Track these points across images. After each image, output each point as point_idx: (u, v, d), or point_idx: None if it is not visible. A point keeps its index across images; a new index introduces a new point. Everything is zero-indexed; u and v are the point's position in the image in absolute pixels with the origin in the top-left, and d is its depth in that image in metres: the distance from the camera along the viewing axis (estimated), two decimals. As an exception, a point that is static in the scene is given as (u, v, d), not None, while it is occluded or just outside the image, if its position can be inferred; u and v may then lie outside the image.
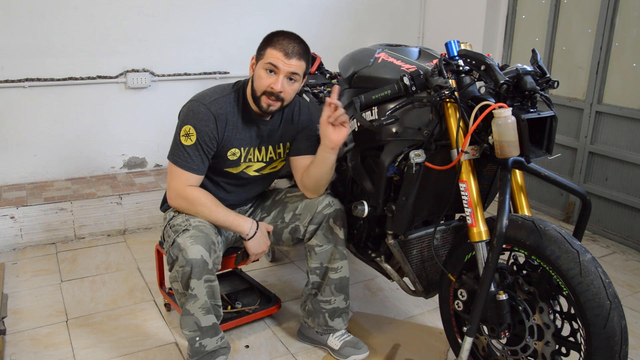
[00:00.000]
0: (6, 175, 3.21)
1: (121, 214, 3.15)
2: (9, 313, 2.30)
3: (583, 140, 3.26)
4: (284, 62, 1.73)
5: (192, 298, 1.74)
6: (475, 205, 1.59)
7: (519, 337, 1.59)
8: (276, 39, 1.76)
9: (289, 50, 1.73)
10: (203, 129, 1.78)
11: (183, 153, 1.79)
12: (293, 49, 1.74)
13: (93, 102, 3.34)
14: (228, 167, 1.91)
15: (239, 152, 1.89)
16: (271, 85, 1.75)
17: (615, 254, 2.98)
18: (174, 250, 1.72)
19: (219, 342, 1.85)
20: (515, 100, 1.55)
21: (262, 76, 1.76)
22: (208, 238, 1.74)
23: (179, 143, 1.79)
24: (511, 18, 3.72)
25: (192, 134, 1.78)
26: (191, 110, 1.80)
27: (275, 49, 1.73)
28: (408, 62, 1.87)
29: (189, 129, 1.78)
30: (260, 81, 1.77)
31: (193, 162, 1.80)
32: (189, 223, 1.77)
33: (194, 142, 1.78)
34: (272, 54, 1.74)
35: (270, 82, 1.75)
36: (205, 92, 1.85)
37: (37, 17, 3.08)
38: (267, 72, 1.76)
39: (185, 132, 1.78)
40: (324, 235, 1.94)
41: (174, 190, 1.83)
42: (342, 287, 2.00)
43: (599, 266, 1.42)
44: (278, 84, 1.75)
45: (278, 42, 1.74)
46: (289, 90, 1.79)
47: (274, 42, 1.75)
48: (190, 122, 1.78)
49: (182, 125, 1.80)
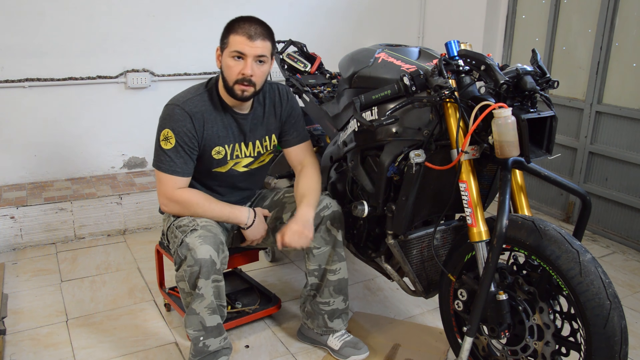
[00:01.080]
0: (6, 175, 3.21)
1: (121, 214, 3.15)
2: (9, 313, 2.30)
3: (583, 140, 3.26)
4: (249, 45, 1.72)
5: (199, 298, 1.74)
6: (475, 205, 1.59)
7: (519, 337, 1.59)
8: (237, 24, 1.75)
9: (252, 32, 1.72)
10: (180, 129, 1.78)
11: (165, 157, 1.80)
12: (255, 31, 1.73)
13: (93, 102, 3.34)
14: (216, 167, 1.91)
15: (223, 150, 1.89)
16: (241, 71, 1.75)
17: (615, 254, 2.98)
18: (182, 250, 1.72)
19: (222, 343, 1.85)
20: (515, 100, 1.55)
21: (231, 65, 1.75)
22: (216, 238, 1.74)
23: (160, 148, 1.81)
24: (511, 18, 3.72)
25: (170, 136, 1.79)
26: (166, 114, 1.81)
27: (238, 35, 1.72)
28: (408, 62, 1.87)
29: (167, 133, 1.79)
30: (229, 70, 1.76)
31: (176, 164, 1.80)
32: (196, 223, 1.77)
33: (173, 144, 1.79)
34: (236, 40, 1.73)
35: (239, 69, 1.75)
36: (178, 94, 1.86)
37: (37, 17, 3.08)
38: (235, 59, 1.75)
39: (164, 137, 1.79)
40: (322, 237, 1.93)
41: (164, 196, 1.83)
42: (340, 288, 2.00)
43: (599, 266, 1.42)
44: (248, 69, 1.74)
45: (239, 27, 1.73)
46: (259, 72, 1.78)
47: (235, 28, 1.74)
48: (167, 126, 1.79)
49: (160, 130, 1.81)
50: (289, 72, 2.64)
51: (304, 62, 2.66)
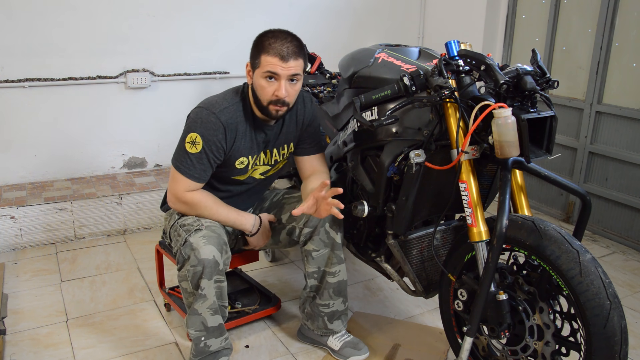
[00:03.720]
0: (6, 175, 3.21)
1: (121, 214, 3.15)
2: (9, 313, 2.30)
3: (583, 140, 3.26)
4: (282, 66, 1.67)
5: (201, 298, 1.74)
6: (475, 205, 1.59)
7: (519, 337, 1.59)
8: (267, 43, 1.68)
9: (284, 53, 1.66)
10: (211, 138, 1.74)
11: (186, 160, 1.76)
12: (288, 50, 1.67)
13: (93, 102, 3.34)
14: (236, 175, 1.89)
15: (246, 161, 1.86)
16: (275, 93, 1.71)
17: (615, 254, 2.98)
18: (186, 249, 1.71)
19: (223, 343, 1.86)
20: (515, 100, 1.55)
21: (264, 85, 1.71)
22: (220, 239, 1.74)
23: (184, 149, 1.76)
24: (511, 18, 3.72)
25: (198, 142, 1.73)
26: (200, 117, 1.74)
27: (270, 55, 1.67)
28: (408, 62, 1.87)
29: (196, 137, 1.73)
30: (263, 91, 1.72)
31: (195, 170, 1.77)
32: (200, 223, 1.77)
33: (199, 150, 1.74)
34: (268, 61, 1.67)
35: (273, 90, 1.71)
36: (214, 100, 1.79)
37: (37, 17, 3.07)
38: (267, 79, 1.70)
39: (191, 140, 1.74)
40: (321, 240, 1.93)
41: (173, 194, 1.83)
42: (340, 290, 1.99)
43: (599, 266, 1.42)
44: (282, 90, 1.69)
45: (271, 47, 1.67)
46: (293, 92, 1.75)
47: (266, 47, 1.68)
48: (197, 130, 1.74)
49: (188, 131, 1.75)
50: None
51: (304, 62, 2.66)
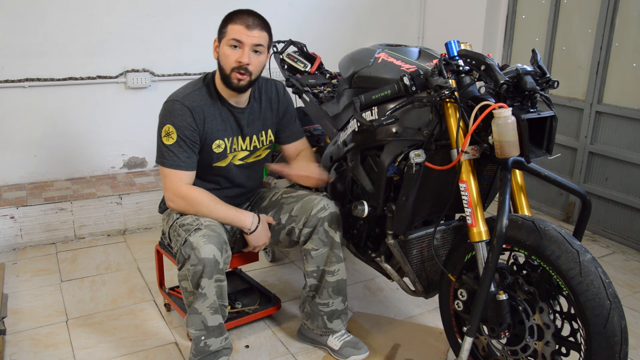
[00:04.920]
0: (6, 175, 3.21)
1: (121, 214, 3.15)
2: (9, 313, 2.30)
3: (583, 140, 3.26)
4: (247, 34, 1.76)
5: (202, 297, 1.74)
6: (475, 205, 1.59)
7: (519, 337, 1.59)
8: (235, 15, 1.80)
9: (250, 22, 1.77)
10: (182, 124, 1.80)
11: (168, 153, 1.81)
12: (253, 21, 1.78)
13: (93, 102, 3.34)
14: (216, 161, 1.92)
15: (223, 144, 1.91)
16: (238, 59, 1.78)
17: (615, 254, 2.98)
18: (186, 249, 1.72)
19: (223, 343, 1.86)
20: (515, 100, 1.55)
21: (228, 53, 1.79)
22: (220, 238, 1.75)
23: (162, 144, 1.82)
24: (511, 18, 3.72)
25: (171, 132, 1.81)
26: (166, 110, 1.84)
27: (236, 24, 1.78)
28: (408, 62, 1.87)
29: (169, 128, 1.81)
30: (226, 59, 1.80)
31: (179, 159, 1.82)
32: (200, 222, 1.77)
33: (175, 139, 1.81)
34: (234, 29, 1.77)
35: (236, 57, 1.78)
36: (176, 91, 1.89)
37: (37, 17, 3.08)
38: (232, 47, 1.79)
39: (165, 132, 1.81)
40: (320, 239, 1.93)
41: (170, 190, 1.84)
42: (339, 289, 2.00)
43: (599, 266, 1.42)
44: (245, 57, 1.77)
45: (237, 17, 1.79)
46: (256, 62, 1.82)
47: (233, 18, 1.80)
48: (167, 122, 1.81)
49: (161, 126, 1.83)
50: (289, 72, 2.64)
51: (304, 62, 2.66)
